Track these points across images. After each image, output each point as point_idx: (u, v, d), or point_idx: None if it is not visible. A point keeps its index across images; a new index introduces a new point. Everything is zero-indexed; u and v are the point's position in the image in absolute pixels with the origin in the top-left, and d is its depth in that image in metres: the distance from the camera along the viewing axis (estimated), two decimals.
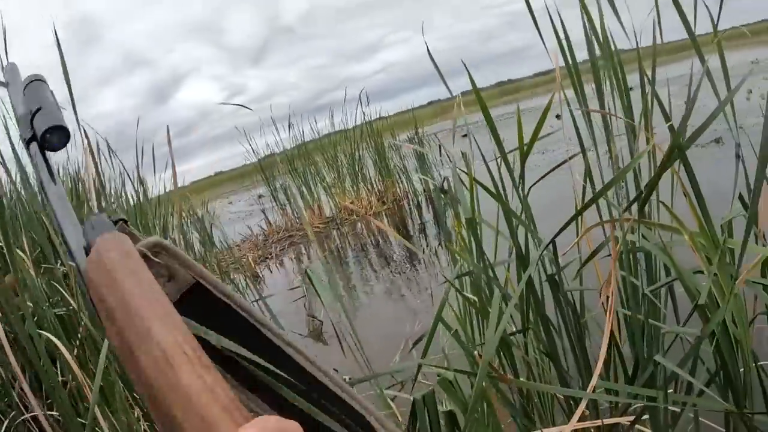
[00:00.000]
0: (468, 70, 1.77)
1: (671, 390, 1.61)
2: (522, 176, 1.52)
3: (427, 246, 6.28)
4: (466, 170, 1.73)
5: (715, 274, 1.19)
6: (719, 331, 1.23)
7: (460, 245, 1.79)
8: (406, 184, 9.81)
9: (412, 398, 1.29)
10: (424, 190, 9.44)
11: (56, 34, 2.32)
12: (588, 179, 1.70)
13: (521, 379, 1.69)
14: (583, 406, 1.16)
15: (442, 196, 1.97)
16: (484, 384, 1.13)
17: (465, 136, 1.89)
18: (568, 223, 1.29)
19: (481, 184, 1.66)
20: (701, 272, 1.33)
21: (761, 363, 1.44)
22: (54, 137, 0.56)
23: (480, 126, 1.74)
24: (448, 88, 1.98)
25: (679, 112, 1.23)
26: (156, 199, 5.68)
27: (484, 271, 1.54)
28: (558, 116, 2.07)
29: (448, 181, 1.73)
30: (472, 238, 1.61)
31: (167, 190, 6.37)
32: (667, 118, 1.50)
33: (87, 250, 0.45)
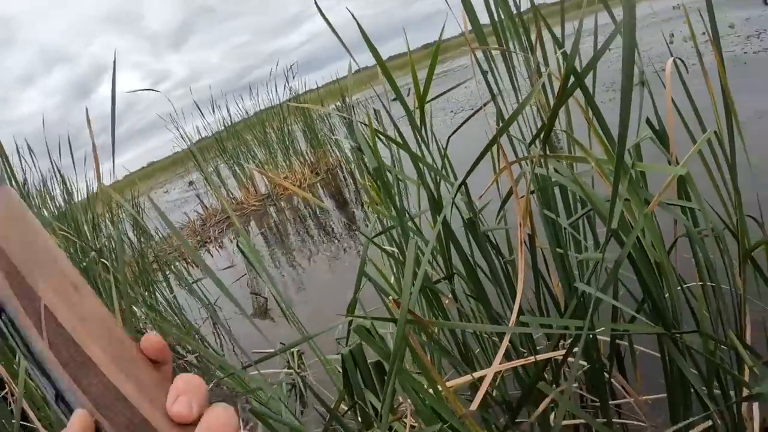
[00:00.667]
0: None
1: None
2: (423, 121, 1.51)
3: (363, 210, 6.29)
4: (367, 128, 1.71)
5: (627, 199, 1.20)
6: (639, 258, 1.24)
7: (374, 200, 1.77)
8: (337, 153, 9.79)
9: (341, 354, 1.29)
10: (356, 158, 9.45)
11: None
12: (500, 121, 1.70)
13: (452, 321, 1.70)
14: (506, 340, 1.16)
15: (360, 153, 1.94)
16: (405, 331, 1.12)
17: (394, 100, 1.87)
18: (475, 164, 1.28)
19: (381, 133, 1.65)
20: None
21: (687, 285, 1.47)
22: None
23: (409, 89, 1.73)
24: (354, 61, 1.95)
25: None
26: (88, 198, 5.53)
27: (399, 221, 1.53)
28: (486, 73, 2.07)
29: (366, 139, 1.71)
30: (381, 190, 1.60)
31: (95, 188, 6.22)
32: (559, 45, 1.52)
33: None
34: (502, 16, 1.67)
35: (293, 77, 10.46)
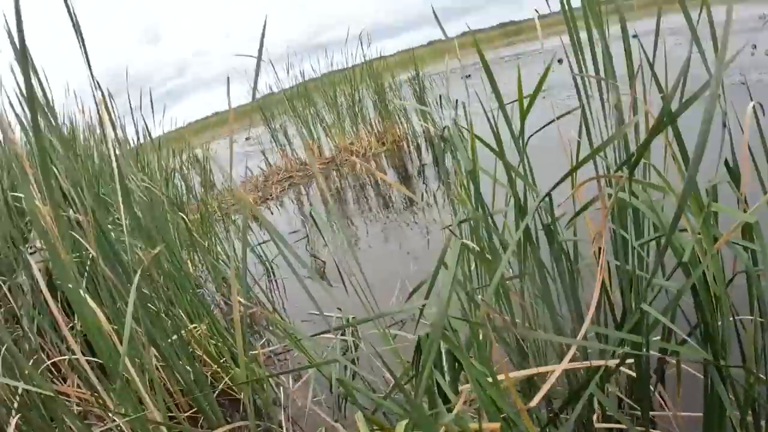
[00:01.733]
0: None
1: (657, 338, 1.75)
2: (522, 133, 1.61)
3: (426, 189, 6.36)
4: (465, 122, 1.81)
5: (698, 233, 1.30)
6: (700, 287, 1.34)
7: (461, 194, 1.88)
8: (405, 126, 9.86)
9: (417, 336, 1.40)
10: (423, 132, 9.52)
11: None
12: (586, 134, 1.78)
13: (517, 321, 1.81)
14: (572, 351, 1.27)
15: (443, 145, 2.04)
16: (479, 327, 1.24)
17: (469, 76, 1.96)
18: (561, 180, 1.38)
19: (481, 140, 1.75)
20: (686, 231, 1.44)
21: (739, 317, 1.57)
22: None
23: (479, 67, 1.79)
24: (444, 32, 2.03)
25: (678, 67, 1.29)
26: (156, 141, 5.69)
27: (484, 219, 1.64)
28: (560, 61, 2.13)
29: (449, 129, 1.80)
30: (472, 188, 1.70)
31: (164, 132, 6.42)
32: (661, 89, 1.59)
33: None
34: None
35: (368, 44, 10.55)
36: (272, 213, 7.47)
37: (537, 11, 2.05)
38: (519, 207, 1.64)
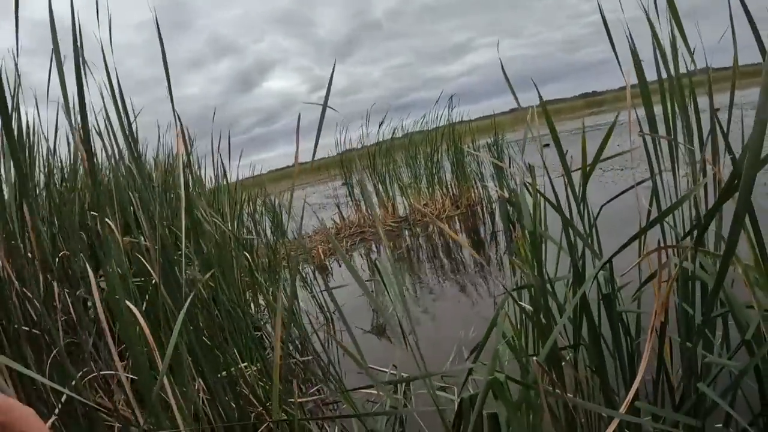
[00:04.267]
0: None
1: (719, 425, 1.63)
2: (584, 196, 1.56)
3: (496, 254, 6.29)
4: (530, 183, 1.77)
5: (766, 310, 1.21)
6: (765, 369, 1.24)
7: (522, 257, 1.83)
8: (481, 191, 9.83)
9: (459, 398, 1.35)
10: (498, 198, 9.45)
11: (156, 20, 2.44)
12: (655, 201, 1.72)
13: (568, 394, 1.73)
14: (614, 425, 1.19)
15: (509, 207, 2.01)
16: (531, 392, 1.18)
17: (546, 146, 1.94)
18: (622, 248, 1.32)
19: (544, 196, 1.71)
20: (752, 307, 1.34)
21: None
22: None
23: (563, 136, 1.77)
24: (516, 100, 2.03)
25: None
26: (233, 185, 5.78)
27: (542, 284, 1.59)
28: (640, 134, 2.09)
29: (516, 192, 1.77)
30: (532, 252, 1.65)
31: (242, 176, 6.54)
32: (730, 150, 1.52)
33: None
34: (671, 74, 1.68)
35: (452, 108, 10.65)
36: (340, 266, 7.49)
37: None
38: (577, 274, 1.58)
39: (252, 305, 4.30)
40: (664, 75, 1.73)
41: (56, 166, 3.53)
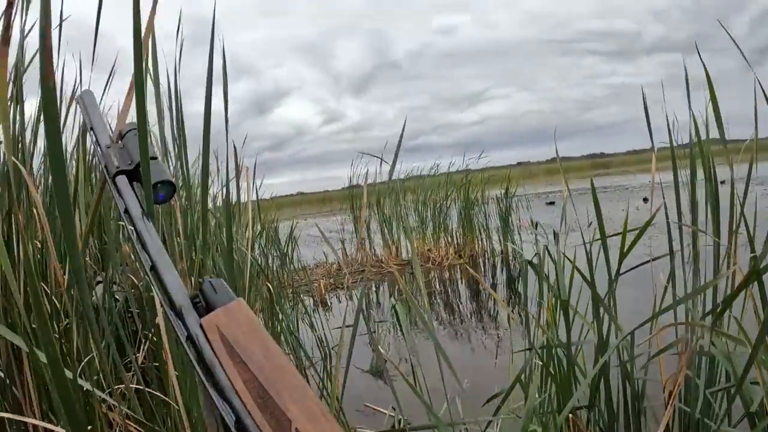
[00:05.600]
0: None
1: None
2: (618, 272, 1.67)
3: (494, 308, 6.36)
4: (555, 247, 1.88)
5: None
6: None
7: (548, 320, 1.93)
8: (485, 242, 9.90)
9: None
10: (502, 252, 9.54)
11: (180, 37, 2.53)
12: (671, 282, 1.83)
13: None
14: None
15: (530, 268, 2.11)
16: None
17: (552, 203, 2.05)
18: (645, 322, 1.44)
19: (581, 273, 1.82)
20: (757, 383, 1.46)
21: None
22: (163, 190, 0.67)
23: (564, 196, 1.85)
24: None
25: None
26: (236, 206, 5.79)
27: (567, 347, 1.70)
28: (645, 199, 2.21)
29: (540, 256, 1.88)
30: (560, 317, 1.76)
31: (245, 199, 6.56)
32: (751, 243, 1.64)
33: (199, 308, 0.48)
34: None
35: (468, 158, 10.81)
36: (340, 302, 7.54)
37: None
38: (601, 341, 1.69)
39: None
40: (681, 141, 1.84)
41: None
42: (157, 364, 2.34)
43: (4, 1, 1.26)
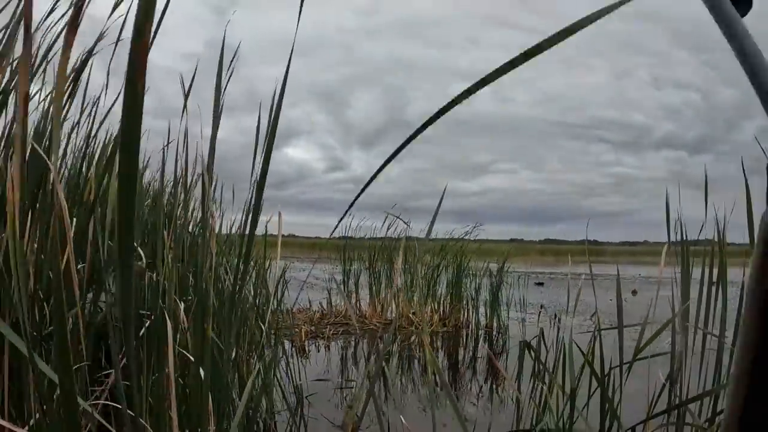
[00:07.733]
0: None
1: None
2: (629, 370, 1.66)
3: (471, 382, 6.30)
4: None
5: None
6: None
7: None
8: (470, 313, 9.86)
9: None
10: (486, 326, 9.49)
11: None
12: (669, 384, 1.82)
13: None
14: None
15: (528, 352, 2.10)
16: None
17: (542, 284, 2.05)
18: (643, 421, 1.42)
19: (590, 363, 1.81)
20: None
21: None
22: None
23: (559, 277, 1.87)
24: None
25: None
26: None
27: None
28: (634, 292, 2.22)
29: (540, 337, 1.86)
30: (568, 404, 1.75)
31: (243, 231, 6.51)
32: None
33: None
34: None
35: (470, 231, 10.89)
36: (318, 351, 7.48)
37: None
38: None
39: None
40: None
41: None
42: None
43: None
